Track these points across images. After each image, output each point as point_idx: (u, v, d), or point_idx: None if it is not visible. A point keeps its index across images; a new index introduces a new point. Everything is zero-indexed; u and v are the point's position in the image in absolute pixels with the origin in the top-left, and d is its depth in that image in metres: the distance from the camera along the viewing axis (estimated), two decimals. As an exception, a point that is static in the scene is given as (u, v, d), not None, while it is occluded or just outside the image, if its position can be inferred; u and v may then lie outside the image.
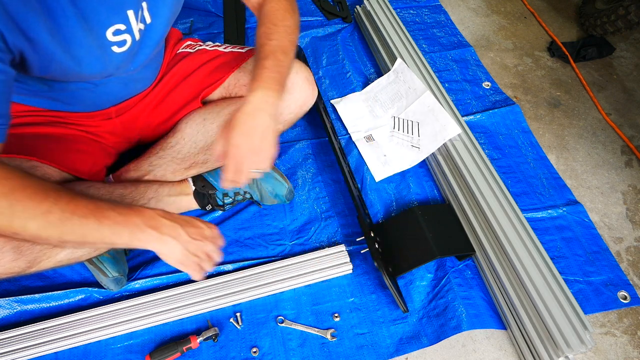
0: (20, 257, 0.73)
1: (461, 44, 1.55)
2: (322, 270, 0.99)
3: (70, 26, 0.65)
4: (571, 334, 0.82)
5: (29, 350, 0.87)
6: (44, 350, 0.88)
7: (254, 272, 0.98)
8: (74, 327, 0.90)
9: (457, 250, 1.01)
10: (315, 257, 1.01)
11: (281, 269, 0.99)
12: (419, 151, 1.19)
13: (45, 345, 0.88)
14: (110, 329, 0.90)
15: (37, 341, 0.88)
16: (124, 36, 0.72)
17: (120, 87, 0.89)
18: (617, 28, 1.47)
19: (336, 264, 1.00)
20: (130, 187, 0.94)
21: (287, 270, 0.99)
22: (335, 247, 1.03)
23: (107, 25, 0.69)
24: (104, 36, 0.70)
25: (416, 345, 0.91)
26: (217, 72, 0.99)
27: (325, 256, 1.01)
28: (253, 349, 0.90)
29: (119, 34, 0.71)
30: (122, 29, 0.71)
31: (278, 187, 1.06)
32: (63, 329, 0.89)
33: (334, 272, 0.99)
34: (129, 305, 0.93)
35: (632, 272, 1.05)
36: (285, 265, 0.99)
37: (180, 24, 1.55)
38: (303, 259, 1.00)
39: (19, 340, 0.88)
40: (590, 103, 1.42)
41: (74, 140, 0.91)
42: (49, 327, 0.90)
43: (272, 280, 0.97)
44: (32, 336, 0.88)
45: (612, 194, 1.19)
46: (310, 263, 1.00)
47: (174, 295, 0.94)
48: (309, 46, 1.53)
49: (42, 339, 0.88)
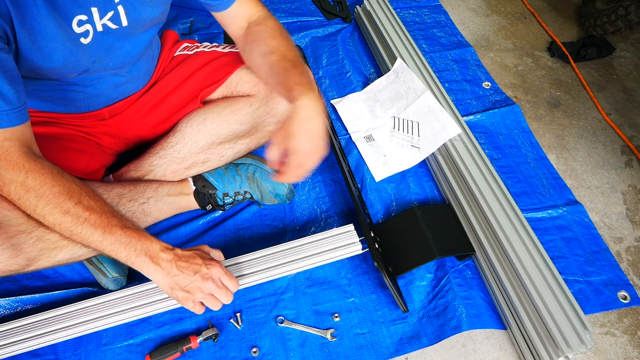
0: (19, 254, 0.74)
1: (461, 44, 1.55)
2: (331, 251, 0.94)
3: (41, 17, 0.66)
4: (571, 334, 0.82)
5: (26, 342, 0.85)
6: (42, 342, 0.86)
7: (257, 256, 0.94)
8: (73, 317, 0.87)
9: (457, 250, 1.01)
10: (324, 237, 0.96)
11: (288, 250, 0.94)
12: (418, 151, 1.19)
13: (43, 336, 0.85)
14: (111, 317, 0.87)
15: (35, 332, 0.85)
16: (86, 26, 0.74)
17: (110, 88, 0.89)
18: (617, 28, 1.46)
19: (345, 244, 0.96)
20: (129, 186, 0.94)
21: (292, 252, 0.94)
22: (343, 227, 0.98)
23: (72, 16, 0.71)
24: (70, 27, 0.71)
25: (416, 345, 0.91)
26: (217, 72, 0.99)
27: (334, 236, 0.97)
28: (253, 349, 0.90)
29: (81, 24, 0.73)
30: (84, 20, 0.73)
31: (278, 186, 1.06)
32: (61, 319, 0.87)
33: (342, 252, 0.95)
34: (129, 293, 0.89)
35: (632, 272, 1.05)
36: (291, 247, 0.95)
37: (180, 23, 1.55)
38: (311, 240, 0.96)
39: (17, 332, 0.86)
40: (590, 103, 1.42)
41: (68, 139, 0.91)
42: (46, 318, 0.87)
43: (281, 262, 0.92)
44: (29, 328, 0.86)
45: (612, 194, 1.19)
46: (318, 244, 0.95)
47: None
48: (309, 46, 1.53)
49: (40, 331, 0.86)
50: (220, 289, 0.77)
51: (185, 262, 0.75)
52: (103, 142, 0.98)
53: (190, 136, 0.97)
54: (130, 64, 0.88)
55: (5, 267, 0.74)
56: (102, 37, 0.77)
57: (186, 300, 0.75)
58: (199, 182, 1.02)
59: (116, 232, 0.71)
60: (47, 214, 0.68)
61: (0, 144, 0.66)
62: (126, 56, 0.85)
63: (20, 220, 0.74)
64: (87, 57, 0.77)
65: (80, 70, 0.79)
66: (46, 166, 0.69)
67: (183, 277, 0.74)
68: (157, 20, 0.86)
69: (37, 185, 0.67)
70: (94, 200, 0.72)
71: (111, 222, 0.71)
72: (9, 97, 0.64)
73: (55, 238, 0.77)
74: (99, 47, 0.78)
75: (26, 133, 0.69)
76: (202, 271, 0.75)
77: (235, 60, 0.99)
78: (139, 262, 0.73)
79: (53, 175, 0.69)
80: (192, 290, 0.75)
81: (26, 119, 0.69)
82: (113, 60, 0.83)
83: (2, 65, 0.63)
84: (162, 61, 1.00)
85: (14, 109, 0.65)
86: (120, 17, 0.77)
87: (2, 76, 0.63)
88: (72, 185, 0.70)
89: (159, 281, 0.75)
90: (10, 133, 0.66)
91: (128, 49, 0.84)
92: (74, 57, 0.75)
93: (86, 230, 0.70)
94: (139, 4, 0.79)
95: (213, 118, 0.97)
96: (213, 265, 0.77)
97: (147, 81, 0.98)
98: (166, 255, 0.74)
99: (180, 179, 1.02)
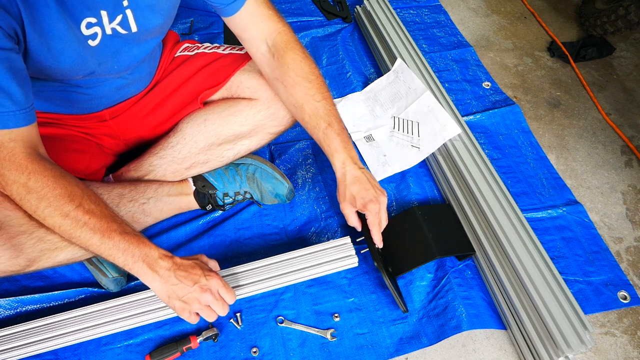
0: (20, 255, 0.74)
1: (461, 44, 1.55)
2: (327, 264, 0.95)
3: (51, 17, 0.66)
4: (571, 334, 0.82)
5: (28, 347, 0.85)
6: (44, 348, 0.86)
7: (255, 266, 0.95)
8: (74, 323, 0.87)
9: (457, 250, 1.01)
10: (320, 249, 0.97)
11: (285, 261, 0.95)
12: (418, 151, 1.19)
13: (44, 342, 0.86)
14: (112, 324, 0.87)
15: (36, 338, 0.86)
16: (95, 29, 0.74)
17: (112, 90, 0.89)
18: (617, 28, 1.46)
19: (341, 256, 0.96)
20: (129, 186, 0.94)
21: (289, 264, 0.95)
22: (340, 239, 0.99)
23: (81, 18, 0.71)
24: (79, 29, 0.71)
25: (416, 345, 0.91)
26: (217, 74, 0.99)
27: (330, 248, 0.97)
28: (253, 349, 0.90)
29: (90, 27, 0.73)
30: (93, 22, 0.73)
31: (278, 186, 1.06)
32: (63, 325, 0.87)
33: (338, 265, 0.95)
34: (129, 300, 0.90)
35: (632, 272, 1.05)
36: (288, 259, 0.96)
37: (180, 23, 1.55)
38: (308, 252, 0.96)
39: (18, 337, 0.86)
40: (590, 103, 1.42)
41: (69, 140, 0.91)
42: (48, 323, 0.87)
43: (275, 274, 0.93)
44: (30, 333, 0.86)
45: (612, 194, 1.19)
46: (315, 256, 0.96)
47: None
48: (309, 46, 1.53)
49: (42, 336, 0.86)
50: (218, 301, 0.76)
51: (185, 272, 0.74)
52: (104, 142, 0.98)
53: (190, 137, 0.97)
54: (133, 67, 0.88)
55: (5, 268, 0.74)
56: (111, 40, 0.77)
57: (182, 311, 0.75)
58: (199, 182, 1.02)
59: (115, 237, 0.71)
60: (48, 216, 0.68)
61: (5, 144, 0.65)
62: (132, 60, 0.85)
63: (22, 221, 0.74)
64: (94, 59, 0.77)
65: (86, 72, 0.79)
66: (49, 168, 0.69)
67: (181, 286, 0.73)
68: (165, 26, 0.86)
69: (39, 187, 0.67)
70: (95, 204, 0.71)
71: (110, 227, 0.71)
72: (17, 97, 0.64)
73: (56, 239, 0.77)
74: (106, 50, 0.78)
75: (32, 134, 0.69)
76: (201, 282, 0.74)
77: (235, 61, 0.99)
78: (136, 268, 0.72)
79: (55, 178, 0.68)
80: (190, 300, 0.74)
81: (33, 120, 0.69)
82: (119, 64, 0.83)
83: (13, 65, 0.63)
84: (163, 62, 1.00)
85: (21, 109, 0.65)
86: (130, 23, 0.77)
87: (11, 76, 0.62)
88: (74, 188, 0.70)
89: (156, 289, 0.74)
90: (16, 134, 0.66)
91: (135, 53, 0.84)
92: (81, 59, 0.75)
93: (85, 234, 0.69)
94: (148, 11, 0.78)
95: (213, 119, 0.97)
96: (212, 277, 0.76)
97: (148, 83, 0.98)
98: (165, 263, 0.73)
99: (181, 179, 1.02)
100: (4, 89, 0.62)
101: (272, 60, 0.89)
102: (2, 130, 0.65)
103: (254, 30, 0.88)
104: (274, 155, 1.22)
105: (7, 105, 0.63)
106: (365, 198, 0.88)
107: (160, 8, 0.81)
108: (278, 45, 0.88)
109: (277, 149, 1.23)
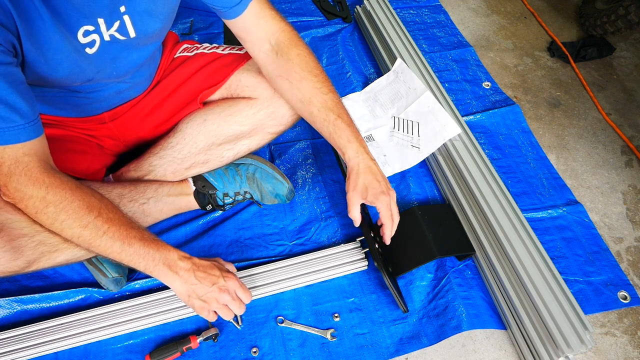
0: (19, 257, 0.73)
1: (461, 44, 1.55)
2: (338, 267, 0.99)
3: (47, 29, 0.66)
4: (571, 334, 0.82)
5: (29, 350, 0.87)
6: (44, 351, 0.88)
7: (270, 269, 0.98)
8: (74, 327, 0.89)
9: (457, 250, 1.01)
10: (332, 253, 1.01)
11: (299, 264, 0.99)
12: (419, 151, 1.19)
13: (45, 345, 0.87)
14: (110, 329, 0.90)
15: (37, 341, 0.87)
16: (93, 36, 0.73)
17: (112, 94, 0.89)
18: (617, 28, 1.46)
19: (351, 260, 1.00)
20: (130, 186, 0.94)
21: (295, 268, 0.99)
22: (350, 243, 1.02)
23: (78, 27, 0.70)
24: (76, 38, 0.71)
25: (416, 345, 0.91)
26: (216, 74, 0.99)
27: (341, 252, 1.01)
28: (253, 349, 0.90)
29: (87, 34, 0.73)
30: (90, 30, 0.72)
31: (278, 186, 1.06)
32: (63, 329, 0.89)
33: (349, 268, 0.99)
34: (129, 305, 0.93)
35: (632, 272, 1.05)
36: (303, 261, 0.99)
37: (180, 24, 1.55)
38: (318, 255, 1.00)
39: (19, 340, 0.88)
40: (590, 103, 1.42)
41: (70, 141, 0.91)
42: (48, 327, 0.89)
43: (288, 276, 0.98)
44: (32, 336, 0.88)
45: (612, 194, 1.19)
46: (328, 259, 1.00)
47: (174, 295, 0.94)
48: (308, 46, 1.52)
49: (42, 339, 0.88)
50: (235, 301, 0.79)
51: (204, 273, 0.77)
52: (104, 143, 0.98)
53: (190, 137, 0.97)
54: (133, 71, 0.88)
55: (4, 269, 0.73)
56: (109, 46, 0.77)
57: (202, 309, 0.77)
58: (199, 182, 1.02)
59: (135, 243, 0.72)
60: (67, 227, 0.69)
61: (19, 159, 0.65)
62: (131, 65, 0.85)
63: (23, 223, 0.73)
64: (92, 67, 0.77)
65: (84, 80, 0.79)
66: (65, 181, 0.70)
67: (201, 286, 0.76)
68: (164, 30, 0.86)
69: (58, 200, 0.68)
70: (113, 213, 0.73)
71: (130, 234, 0.72)
72: (24, 111, 0.64)
73: (57, 241, 0.77)
74: (104, 56, 0.77)
75: (43, 146, 0.69)
76: (219, 283, 0.77)
77: (234, 61, 0.99)
78: (157, 271, 0.75)
79: (72, 190, 0.69)
80: (209, 300, 0.77)
81: (41, 132, 0.69)
82: (117, 70, 0.83)
83: (15, 79, 0.63)
84: (162, 63, 1.00)
85: (29, 122, 0.65)
86: (128, 28, 0.77)
87: (15, 90, 0.62)
88: (91, 198, 0.71)
89: (176, 288, 0.76)
90: (28, 148, 0.66)
91: (134, 58, 0.84)
92: (78, 68, 0.75)
93: (105, 243, 0.71)
94: (146, 15, 0.78)
95: (213, 119, 0.97)
96: (230, 277, 0.79)
97: (148, 85, 0.97)
98: (184, 264, 0.76)
99: (180, 179, 1.02)
100: (11, 104, 0.62)
101: (276, 59, 0.89)
102: (15, 145, 0.64)
103: (257, 32, 0.87)
104: (274, 155, 1.22)
105: (15, 120, 0.63)
106: (377, 189, 0.86)
107: (159, 12, 0.80)
108: (282, 42, 0.88)
109: (277, 149, 1.23)
